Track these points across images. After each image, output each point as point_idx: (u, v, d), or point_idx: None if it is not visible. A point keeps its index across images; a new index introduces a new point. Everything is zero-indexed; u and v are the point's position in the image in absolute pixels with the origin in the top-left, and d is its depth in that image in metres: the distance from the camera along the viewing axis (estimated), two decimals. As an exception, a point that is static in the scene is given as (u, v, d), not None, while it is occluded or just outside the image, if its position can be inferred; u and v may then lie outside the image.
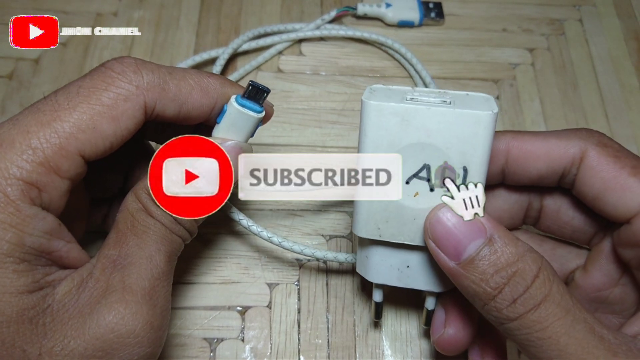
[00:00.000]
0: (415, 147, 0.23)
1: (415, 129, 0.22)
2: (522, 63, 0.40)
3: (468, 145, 0.22)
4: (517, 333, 0.20)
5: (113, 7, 0.42)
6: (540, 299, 0.20)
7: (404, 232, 0.24)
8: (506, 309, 0.20)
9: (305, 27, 0.39)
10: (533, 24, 0.42)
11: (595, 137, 0.24)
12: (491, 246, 0.21)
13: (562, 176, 0.24)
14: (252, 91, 0.24)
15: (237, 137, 0.25)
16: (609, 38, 0.41)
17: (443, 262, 0.22)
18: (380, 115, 0.22)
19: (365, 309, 0.31)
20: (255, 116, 0.24)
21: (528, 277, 0.20)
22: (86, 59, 0.39)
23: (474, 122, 0.22)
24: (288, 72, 0.39)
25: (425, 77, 0.38)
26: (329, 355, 0.29)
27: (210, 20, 0.41)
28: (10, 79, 0.38)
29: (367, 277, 0.26)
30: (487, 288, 0.21)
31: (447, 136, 0.22)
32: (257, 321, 0.30)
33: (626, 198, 0.22)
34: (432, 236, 0.22)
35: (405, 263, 0.25)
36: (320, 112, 0.38)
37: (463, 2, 0.43)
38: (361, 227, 0.24)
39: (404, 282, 0.25)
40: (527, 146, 0.24)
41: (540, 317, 0.20)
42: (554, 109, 0.38)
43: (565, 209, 0.26)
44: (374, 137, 0.23)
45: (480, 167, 0.22)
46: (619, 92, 0.39)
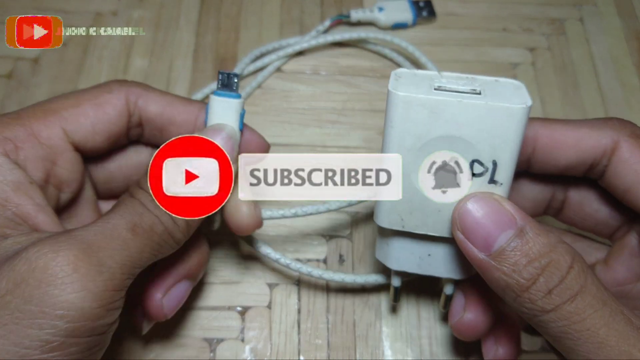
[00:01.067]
0: (444, 140, 0.22)
1: (444, 121, 0.21)
2: (523, 63, 0.40)
3: (499, 139, 0.21)
4: (553, 325, 0.20)
5: (113, 7, 0.42)
6: (576, 289, 0.20)
7: (428, 224, 0.23)
8: (541, 300, 0.20)
9: (301, 40, 0.39)
10: (533, 24, 0.42)
11: (628, 128, 0.23)
12: (522, 237, 0.20)
13: (591, 167, 0.24)
14: (224, 79, 0.25)
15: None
16: (610, 37, 0.41)
17: (472, 254, 0.21)
18: (408, 107, 0.22)
19: (365, 310, 0.31)
20: (234, 101, 0.25)
21: (563, 267, 0.20)
22: (86, 59, 0.39)
23: (506, 116, 0.21)
24: (288, 72, 0.39)
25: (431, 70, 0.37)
26: (329, 356, 0.29)
27: (210, 20, 0.41)
28: (10, 79, 0.38)
29: (387, 264, 0.26)
30: (520, 279, 0.20)
31: (478, 130, 0.21)
32: (257, 321, 0.30)
33: None
34: (461, 227, 0.22)
35: (427, 252, 0.25)
36: (320, 112, 0.37)
37: (463, 2, 0.43)
38: (384, 217, 0.24)
39: (424, 270, 0.25)
40: (557, 135, 0.23)
41: (577, 308, 0.19)
42: (555, 109, 0.38)
43: (590, 201, 0.26)
44: (401, 129, 0.22)
45: (510, 161, 0.22)
46: (620, 91, 0.39)
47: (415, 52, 0.38)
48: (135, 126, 0.26)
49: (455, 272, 0.25)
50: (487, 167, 0.22)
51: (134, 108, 0.25)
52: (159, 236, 0.22)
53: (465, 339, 0.25)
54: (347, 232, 0.33)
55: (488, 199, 0.22)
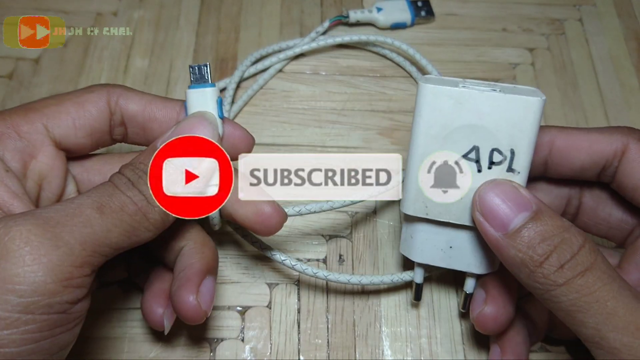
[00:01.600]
0: (467, 129, 0.24)
1: (467, 111, 0.24)
2: (522, 63, 0.40)
3: (516, 129, 0.23)
4: (564, 299, 0.21)
5: (113, 7, 0.42)
6: (587, 265, 0.21)
7: (451, 211, 0.25)
8: (553, 274, 0.21)
9: (300, 42, 0.39)
10: (533, 24, 0.42)
11: (637, 134, 0.25)
12: (537, 218, 0.22)
13: (604, 169, 0.25)
14: (195, 71, 0.26)
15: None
16: (609, 38, 0.41)
17: (489, 233, 0.23)
18: (436, 98, 0.24)
19: (365, 309, 0.31)
20: (209, 90, 0.26)
21: (574, 245, 0.21)
22: (86, 59, 0.39)
23: (524, 106, 0.23)
24: (288, 72, 0.39)
25: (431, 72, 0.37)
26: (329, 355, 0.29)
27: (210, 20, 0.41)
28: (10, 79, 0.38)
29: (411, 257, 0.27)
30: (534, 255, 0.21)
31: (498, 119, 0.23)
32: (257, 321, 0.30)
33: None
34: (481, 208, 0.23)
35: (449, 243, 0.26)
36: (320, 112, 0.38)
37: (463, 2, 0.43)
38: (409, 204, 0.26)
39: (447, 263, 0.27)
40: (571, 138, 0.25)
41: (588, 282, 0.21)
42: (554, 109, 0.38)
43: (603, 206, 0.27)
44: (428, 117, 0.24)
45: (527, 149, 0.24)
46: (619, 92, 0.39)
47: (415, 54, 0.38)
48: (118, 125, 0.26)
49: (476, 266, 0.26)
50: (506, 155, 0.24)
51: (115, 106, 0.25)
52: (131, 217, 0.21)
53: (487, 332, 0.26)
54: (347, 232, 0.33)
55: (507, 185, 0.23)
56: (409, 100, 0.38)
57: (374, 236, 0.33)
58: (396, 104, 0.38)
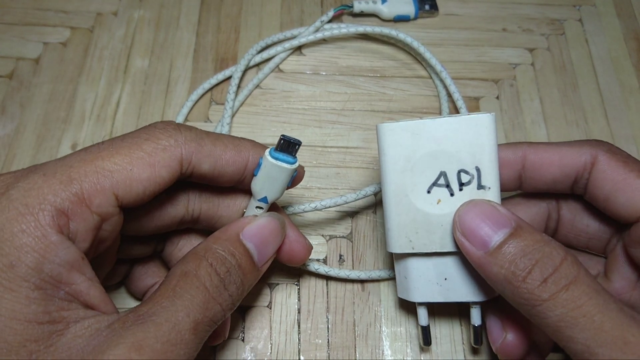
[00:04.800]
0: (430, 157, 0.25)
1: (426, 140, 0.24)
2: (522, 63, 0.40)
3: (475, 147, 0.24)
4: (551, 315, 0.21)
5: (113, 7, 0.42)
6: (570, 278, 0.21)
7: (434, 240, 0.25)
8: (537, 288, 0.21)
9: (305, 31, 0.39)
10: (533, 24, 0.42)
11: (605, 146, 0.25)
12: (517, 234, 0.22)
13: (575, 181, 0.26)
14: (284, 144, 0.24)
15: (274, 189, 0.25)
16: (609, 38, 0.41)
17: (472, 253, 0.23)
18: (394, 134, 0.25)
19: (365, 310, 0.31)
20: (289, 167, 0.25)
21: (556, 258, 0.21)
22: (86, 59, 0.39)
23: (476, 124, 0.24)
24: (288, 72, 0.39)
25: (435, 65, 0.37)
26: (329, 355, 0.29)
27: (210, 19, 0.41)
28: (11, 79, 0.38)
29: (410, 298, 0.27)
30: (517, 270, 0.21)
31: (455, 141, 0.24)
32: (257, 321, 0.30)
33: (635, 198, 0.24)
34: (461, 229, 0.24)
35: (443, 275, 0.26)
36: (320, 112, 0.38)
37: (463, 2, 0.43)
38: (394, 242, 0.26)
39: (445, 296, 0.26)
40: (542, 153, 0.26)
41: (573, 295, 0.20)
42: (554, 109, 0.38)
43: (580, 217, 0.27)
44: (392, 154, 0.25)
45: (491, 164, 0.24)
46: (619, 92, 0.39)
47: (419, 47, 0.37)
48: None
49: (475, 294, 0.26)
50: (472, 174, 0.24)
51: (187, 167, 0.23)
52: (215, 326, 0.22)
53: (513, 359, 0.26)
54: (347, 232, 0.33)
55: (484, 204, 0.24)
56: (409, 100, 0.38)
57: (374, 236, 0.33)
58: (396, 104, 0.38)
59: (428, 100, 0.38)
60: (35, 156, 0.35)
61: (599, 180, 0.25)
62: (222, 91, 0.38)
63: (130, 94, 0.38)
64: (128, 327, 0.19)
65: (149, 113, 0.37)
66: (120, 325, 0.20)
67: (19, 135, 0.36)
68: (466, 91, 0.39)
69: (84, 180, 0.20)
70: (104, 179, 0.21)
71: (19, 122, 0.36)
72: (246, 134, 0.36)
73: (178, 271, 0.22)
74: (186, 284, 0.21)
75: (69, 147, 0.36)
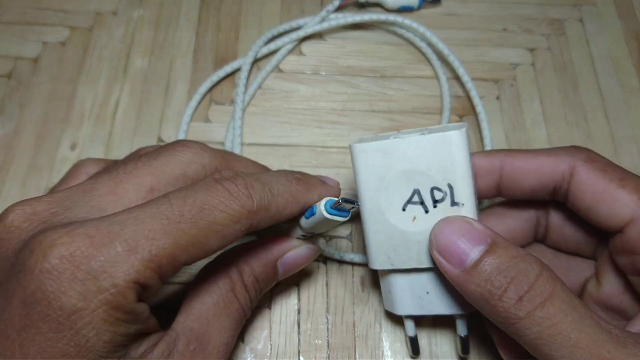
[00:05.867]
0: (402, 176, 0.25)
1: (397, 159, 0.25)
2: (523, 63, 0.40)
3: (447, 164, 0.24)
4: (528, 332, 0.20)
5: (113, 6, 0.42)
6: (545, 295, 0.21)
7: (412, 257, 0.25)
8: (513, 307, 0.21)
9: (311, 20, 0.40)
10: (533, 24, 0.42)
11: (583, 154, 0.25)
12: (492, 251, 0.22)
13: (554, 191, 0.25)
14: (343, 205, 0.25)
15: (321, 229, 0.26)
16: (610, 38, 0.41)
17: (449, 271, 0.23)
18: (365, 154, 0.25)
19: (365, 310, 0.31)
20: (341, 220, 0.26)
21: (531, 275, 0.21)
22: (85, 58, 0.39)
23: (445, 142, 0.24)
24: (288, 72, 0.39)
25: (442, 50, 0.37)
26: (329, 356, 0.29)
27: (210, 19, 0.41)
28: (9, 79, 0.38)
29: (395, 311, 0.27)
30: (492, 288, 0.21)
31: (426, 160, 0.24)
32: (256, 322, 0.30)
33: (616, 209, 0.23)
34: (437, 248, 0.23)
35: (424, 289, 0.26)
36: (320, 112, 0.38)
37: (463, 2, 0.43)
38: (374, 259, 0.26)
39: (428, 309, 0.26)
40: (518, 163, 0.25)
41: (548, 313, 0.20)
42: (554, 109, 0.38)
43: (568, 222, 0.27)
44: (365, 173, 0.25)
45: (464, 181, 0.24)
46: (619, 92, 0.39)
47: (426, 32, 0.38)
48: None
49: (457, 307, 0.26)
50: (445, 191, 0.24)
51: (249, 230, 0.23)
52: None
53: None
54: (347, 232, 0.33)
55: (459, 220, 0.23)
56: (409, 100, 0.38)
57: (374, 236, 0.33)
58: (396, 104, 0.38)
59: (429, 101, 0.38)
60: (35, 156, 0.35)
61: (579, 192, 0.24)
62: (222, 91, 0.38)
63: (129, 93, 0.38)
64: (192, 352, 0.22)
65: (148, 113, 0.37)
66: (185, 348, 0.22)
67: (17, 135, 0.36)
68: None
69: (163, 256, 0.20)
70: (180, 253, 0.21)
71: (18, 122, 0.36)
72: (246, 134, 0.36)
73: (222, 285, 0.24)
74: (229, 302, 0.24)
75: (68, 147, 0.36)
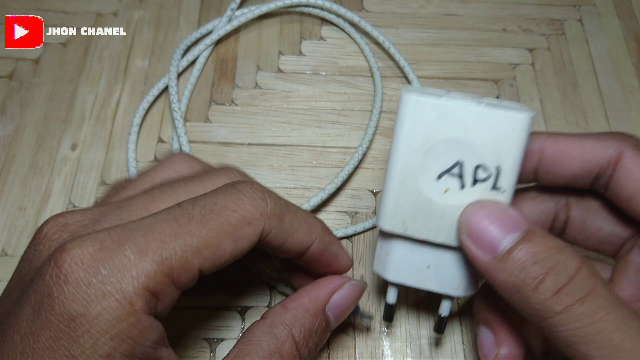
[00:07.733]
0: (451, 143, 0.22)
1: (452, 125, 0.22)
2: (522, 63, 0.40)
3: (503, 146, 0.22)
4: (563, 329, 0.19)
5: (113, 7, 0.42)
6: (586, 290, 0.19)
7: (430, 229, 0.24)
8: (550, 299, 0.19)
9: (219, 22, 0.40)
10: (533, 24, 0.42)
11: (631, 140, 0.23)
12: (528, 239, 0.20)
13: (597, 177, 0.24)
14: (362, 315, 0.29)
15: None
16: (609, 38, 0.41)
17: (478, 257, 0.21)
18: (419, 109, 0.22)
19: (365, 310, 0.31)
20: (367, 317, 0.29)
21: (571, 268, 0.20)
22: (86, 59, 0.39)
23: (511, 122, 0.22)
24: (288, 72, 0.39)
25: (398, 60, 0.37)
26: (329, 356, 0.29)
27: (211, 20, 0.41)
28: (11, 79, 0.38)
29: (384, 275, 0.26)
30: (527, 278, 0.20)
31: (483, 135, 0.22)
32: (257, 321, 0.30)
33: None
34: (468, 230, 0.22)
35: (426, 263, 0.25)
36: (320, 112, 0.38)
37: (463, 2, 0.43)
38: (387, 220, 0.24)
39: (421, 283, 0.25)
40: (562, 146, 0.24)
41: (589, 309, 0.19)
42: (554, 109, 0.38)
43: (593, 219, 0.26)
44: (410, 130, 0.23)
45: (514, 167, 0.22)
46: (619, 92, 0.39)
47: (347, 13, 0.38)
48: None
49: (451, 288, 0.25)
50: (491, 172, 0.22)
51: (263, 240, 0.23)
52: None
53: None
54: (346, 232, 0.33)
55: (494, 205, 0.22)
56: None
57: (374, 236, 0.33)
58: (396, 104, 0.38)
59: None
60: (35, 156, 0.35)
61: (624, 178, 0.23)
62: (222, 92, 0.38)
63: (130, 94, 0.38)
64: None
65: (149, 114, 0.37)
66: None
67: (18, 136, 0.36)
68: (466, 91, 0.39)
69: (174, 258, 0.20)
70: (194, 257, 0.20)
71: (19, 123, 0.37)
72: (246, 134, 0.36)
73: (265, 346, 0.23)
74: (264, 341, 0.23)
75: (69, 148, 0.36)
